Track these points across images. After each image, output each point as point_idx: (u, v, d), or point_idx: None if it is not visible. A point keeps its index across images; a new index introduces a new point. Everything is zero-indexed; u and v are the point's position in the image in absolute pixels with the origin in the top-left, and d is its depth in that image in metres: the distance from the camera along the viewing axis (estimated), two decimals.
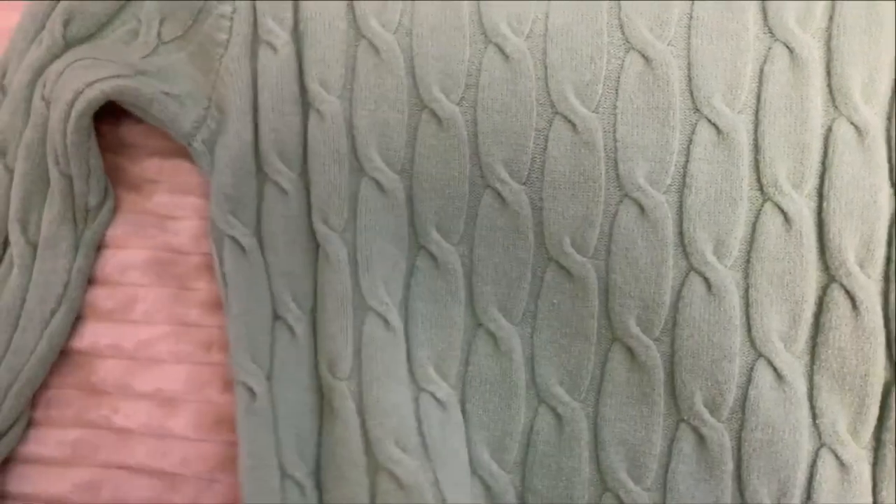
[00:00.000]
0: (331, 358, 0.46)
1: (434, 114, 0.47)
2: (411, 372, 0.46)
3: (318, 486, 0.46)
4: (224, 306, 0.48)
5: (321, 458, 0.46)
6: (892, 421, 0.42)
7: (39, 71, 0.49)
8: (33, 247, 0.49)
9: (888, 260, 0.43)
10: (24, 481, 0.50)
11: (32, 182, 0.49)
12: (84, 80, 0.46)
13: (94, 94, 0.46)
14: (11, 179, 0.49)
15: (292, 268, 0.47)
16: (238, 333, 0.47)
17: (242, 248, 0.47)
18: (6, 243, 0.49)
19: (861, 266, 0.43)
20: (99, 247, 0.51)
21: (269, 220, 0.48)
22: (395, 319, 0.46)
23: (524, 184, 0.46)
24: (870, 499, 0.42)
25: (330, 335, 0.46)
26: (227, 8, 0.49)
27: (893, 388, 0.42)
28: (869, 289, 0.42)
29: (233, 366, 0.47)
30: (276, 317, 0.47)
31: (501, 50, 0.46)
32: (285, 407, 0.46)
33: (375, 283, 0.46)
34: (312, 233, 0.47)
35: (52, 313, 0.49)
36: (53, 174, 0.48)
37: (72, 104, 0.46)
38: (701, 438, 0.44)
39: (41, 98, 0.48)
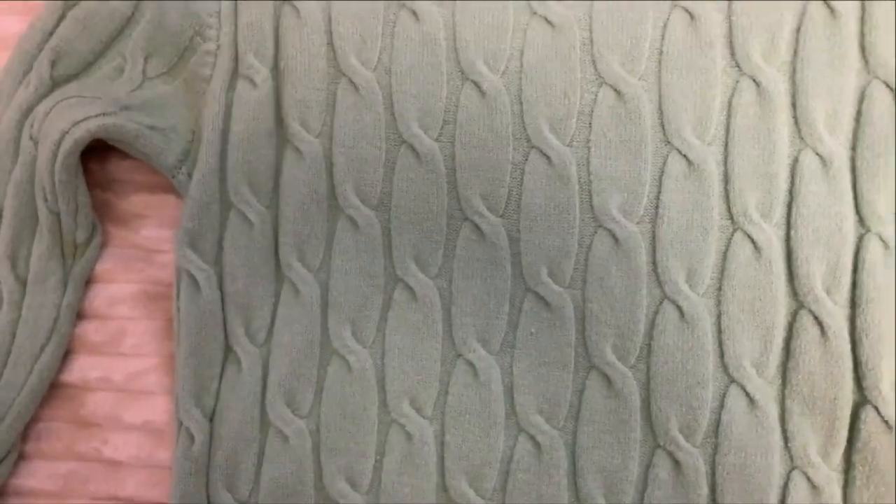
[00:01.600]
0: (292, 395, 0.47)
1: (413, 149, 0.48)
2: (384, 404, 0.47)
3: None
4: (174, 342, 0.49)
5: (263, 490, 0.47)
6: (861, 443, 0.43)
7: (27, 111, 0.50)
8: (22, 283, 0.50)
9: (854, 286, 0.44)
10: None
11: (21, 220, 0.50)
12: (70, 119, 0.48)
13: (80, 134, 0.47)
14: (0, 217, 0.50)
15: (249, 300, 0.48)
16: (185, 373, 0.48)
17: (197, 284, 0.48)
18: None
19: (828, 292, 0.44)
20: (88, 281, 0.52)
21: (232, 250, 0.49)
22: (360, 362, 0.47)
23: (501, 216, 0.47)
24: None
25: (294, 374, 0.47)
26: (211, 45, 0.50)
27: (861, 411, 0.43)
28: (836, 314, 0.44)
29: (177, 407, 0.48)
30: (228, 349, 0.48)
31: (478, 86, 0.48)
32: (221, 446, 0.47)
33: (343, 325, 0.47)
34: (275, 265, 0.49)
35: (42, 348, 0.50)
36: (42, 211, 0.49)
37: (59, 143, 0.47)
38: (676, 464, 0.45)
39: (29, 137, 0.49)
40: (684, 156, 0.46)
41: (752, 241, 0.45)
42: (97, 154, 0.52)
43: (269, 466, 0.47)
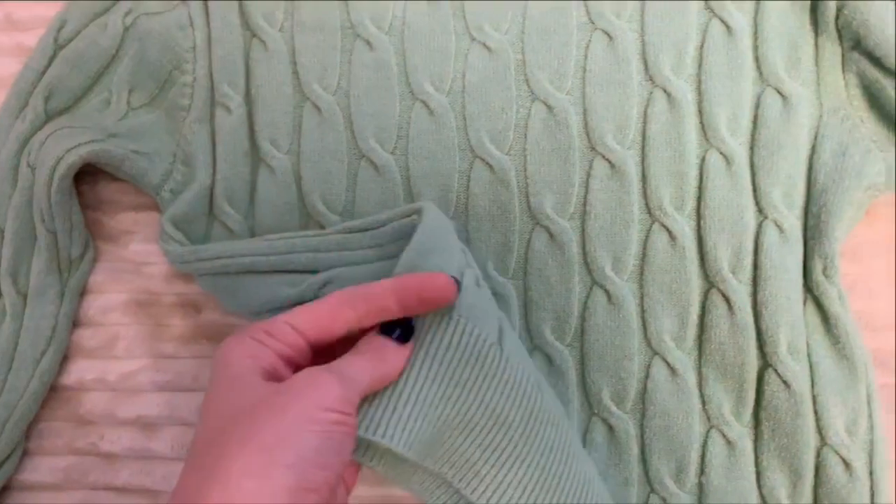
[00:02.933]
0: None
1: (371, 162, 0.54)
2: None
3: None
4: None
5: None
6: (766, 401, 0.49)
7: (25, 142, 0.56)
8: (23, 297, 0.56)
9: (755, 266, 0.50)
10: None
11: (22, 240, 0.55)
12: (64, 146, 0.53)
13: (73, 159, 0.53)
14: (2, 238, 0.56)
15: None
16: None
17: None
18: None
19: (733, 273, 0.50)
20: (82, 293, 0.58)
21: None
22: None
23: (452, 218, 0.53)
24: (753, 469, 0.49)
25: None
26: (188, 78, 0.57)
27: (764, 374, 0.50)
28: (740, 292, 0.50)
29: None
30: None
31: (427, 105, 0.54)
32: None
33: None
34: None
35: (43, 354, 0.55)
36: (40, 231, 0.55)
37: (54, 168, 0.53)
38: (610, 428, 0.51)
39: (27, 165, 0.55)
40: (607, 160, 0.52)
41: (668, 232, 0.51)
42: (88, 178, 0.58)
43: None
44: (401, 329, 0.41)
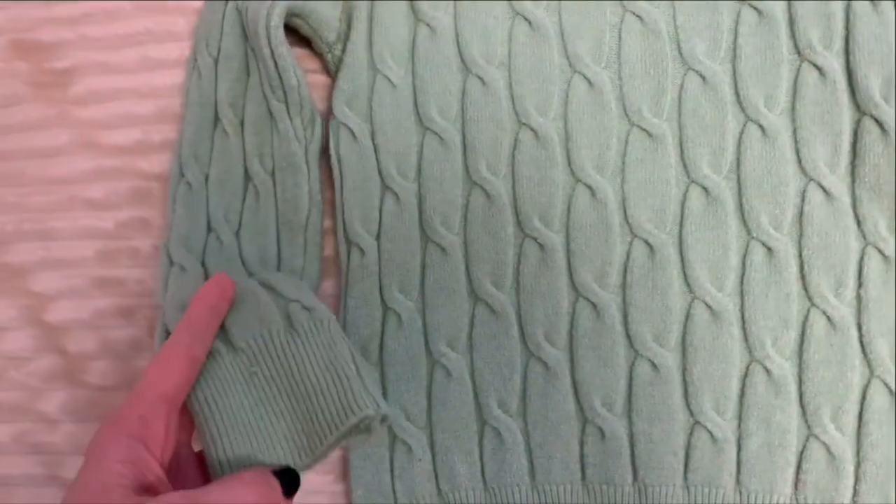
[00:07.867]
0: (445, 217, 0.58)
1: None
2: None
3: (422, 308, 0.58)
4: (336, 183, 0.60)
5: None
6: None
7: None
8: (271, 175, 0.59)
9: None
10: None
11: (261, 121, 0.60)
12: (265, 6, 0.58)
13: (279, 10, 0.57)
14: (242, 126, 0.60)
15: (397, 147, 0.59)
16: (350, 204, 0.59)
17: (354, 135, 0.59)
18: (216, 119, 0.60)
19: (885, 100, 0.53)
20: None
21: (380, 109, 0.59)
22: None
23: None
24: None
25: (444, 201, 0.58)
26: None
27: None
28: (891, 113, 0.53)
29: (346, 231, 0.59)
30: (385, 187, 0.59)
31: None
32: (389, 257, 0.58)
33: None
34: (416, 119, 0.59)
35: (307, 218, 0.59)
36: (274, 106, 0.59)
37: (267, 21, 0.57)
38: (769, 250, 0.54)
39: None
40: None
41: (818, 69, 0.55)
42: None
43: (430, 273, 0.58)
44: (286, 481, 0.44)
